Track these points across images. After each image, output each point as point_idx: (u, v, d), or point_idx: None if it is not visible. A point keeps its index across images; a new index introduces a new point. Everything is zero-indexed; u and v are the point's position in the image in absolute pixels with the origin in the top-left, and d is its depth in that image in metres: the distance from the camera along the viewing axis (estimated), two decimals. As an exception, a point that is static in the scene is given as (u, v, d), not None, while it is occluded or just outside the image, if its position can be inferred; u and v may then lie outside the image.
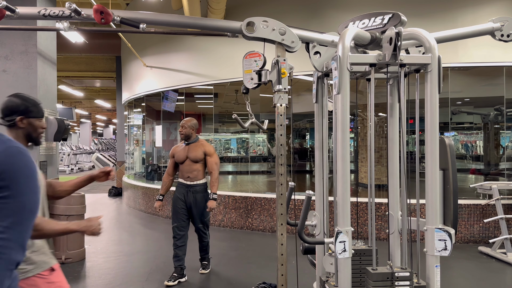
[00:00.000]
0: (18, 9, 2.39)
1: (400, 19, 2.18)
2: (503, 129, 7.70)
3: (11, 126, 1.87)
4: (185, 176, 4.20)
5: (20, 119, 1.85)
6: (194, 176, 4.18)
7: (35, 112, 1.89)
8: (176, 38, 7.71)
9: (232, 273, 4.43)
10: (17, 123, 1.85)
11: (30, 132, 1.89)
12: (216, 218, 6.91)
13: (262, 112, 8.14)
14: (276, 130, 2.42)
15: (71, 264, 4.75)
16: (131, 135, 12.03)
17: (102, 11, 2.30)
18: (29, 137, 1.91)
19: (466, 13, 5.82)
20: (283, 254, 2.38)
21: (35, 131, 1.90)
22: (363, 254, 2.39)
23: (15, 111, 1.85)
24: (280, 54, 2.46)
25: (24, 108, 1.86)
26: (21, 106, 1.86)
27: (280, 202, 2.39)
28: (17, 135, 1.88)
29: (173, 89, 8.22)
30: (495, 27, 2.66)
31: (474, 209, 5.72)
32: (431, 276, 2.08)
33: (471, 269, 4.62)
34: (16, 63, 4.68)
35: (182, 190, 4.19)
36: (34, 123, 1.89)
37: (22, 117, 1.85)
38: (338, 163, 2.05)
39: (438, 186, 2.10)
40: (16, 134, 1.88)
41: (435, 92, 2.07)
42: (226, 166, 13.21)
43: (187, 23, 2.57)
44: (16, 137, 1.87)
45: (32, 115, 1.88)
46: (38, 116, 1.90)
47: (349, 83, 2.03)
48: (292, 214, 6.10)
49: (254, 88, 2.51)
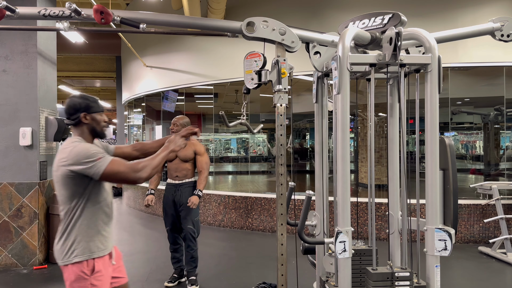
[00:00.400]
0: (18, 9, 2.39)
1: (400, 19, 2.18)
2: (503, 129, 7.70)
3: (76, 124, 2.05)
4: (173, 175, 4.01)
5: (84, 115, 2.03)
6: (183, 175, 3.99)
7: (95, 107, 2.07)
8: (176, 38, 7.71)
9: (232, 273, 4.43)
10: (82, 120, 2.03)
11: (94, 126, 2.07)
12: (216, 218, 6.91)
13: (262, 112, 8.13)
14: (276, 130, 2.42)
15: (71, 264, 4.75)
16: (131, 135, 12.03)
17: (102, 11, 2.30)
18: (94, 132, 2.09)
19: (466, 13, 5.82)
20: (283, 254, 2.38)
21: (98, 125, 2.09)
22: (363, 254, 2.39)
23: (78, 109, 2.02)
24: (280, 54, 2.46)
25: (85, 105, 2.04)
26: (83, 103, 2.04)
27: (280, 202, 2.39)
28: (83, 132, 2.06)
29: (173, 89, 8.22)
30: (495, 27, 2.66)
31: (474, 209, 5.72)
32: (431, 276, 2.08)
33: (471, 269, 4.62)
34: (16, 63, 4.68)
35: (171, 191, 4.01)
36: (96, 117, 2.07)
37: (85, 113, 2.03)
38: (338, 163, 2.04)
39: (438, 186, 2.10)
40: (81, 130, 2.06)
41: (435, 92, 2.07)
42: (226, 166, 13.20)
43: (187, 23, 2.57)
44: (82, 134, 2.06)
45: (93, 110, 2.06)
46: (99, 110, 2.08)
47: (349, 83, 2.03)
48: (292, 214, 6.10)
49: (255, 88, 2.51)
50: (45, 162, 4.82)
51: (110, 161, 1.91)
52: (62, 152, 1.96)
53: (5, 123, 4.66)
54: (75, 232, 1.98)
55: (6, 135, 4.65)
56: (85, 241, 1.98)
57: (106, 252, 2.07)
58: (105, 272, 2.05)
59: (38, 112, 4.69)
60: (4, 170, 4.64)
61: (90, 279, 1.98)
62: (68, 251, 1.98)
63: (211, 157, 9.10)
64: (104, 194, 2.08)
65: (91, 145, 1.99)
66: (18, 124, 4.65)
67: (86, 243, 1.99)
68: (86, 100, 2.05)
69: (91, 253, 1.99)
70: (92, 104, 2.06)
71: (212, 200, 7.00)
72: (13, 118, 4.66)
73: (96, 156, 1.90)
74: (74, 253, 1.97)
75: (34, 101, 4.68)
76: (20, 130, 4.60)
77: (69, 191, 1.96)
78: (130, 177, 1.93)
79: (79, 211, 1.98)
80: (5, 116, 4.66)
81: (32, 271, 4.50)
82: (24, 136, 4.59)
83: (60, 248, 2.01)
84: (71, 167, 1.90)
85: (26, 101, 4.68)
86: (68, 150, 1.94)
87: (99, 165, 1.89)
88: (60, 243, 2.01)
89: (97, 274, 2.00)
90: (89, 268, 1.98)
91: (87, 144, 1.99)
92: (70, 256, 1.97)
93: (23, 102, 4.68)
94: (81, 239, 1.98)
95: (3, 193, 4.62)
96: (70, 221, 1.99)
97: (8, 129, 4.65)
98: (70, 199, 1.98)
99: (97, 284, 2.00)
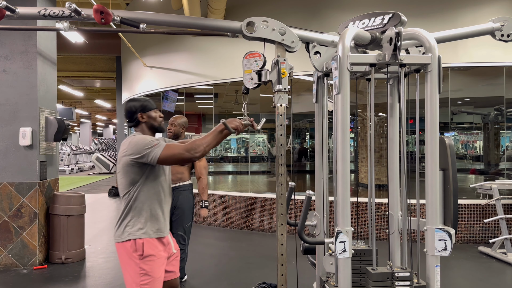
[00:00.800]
0: (18, 9, 2.39)
1: (400, 19, 2.18)
2: (503, 129, 7.70)
3: (136, 125, 2.31)
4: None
5: (141, 115, 2.28)
6: (178, 179, 3.83)
7: (149, 106, 2.31)
8: (176, 38, 7.71)
9: (232, 273, 4.43)
10: (139, 119, 2.29)
11: (152, 123, 2.31)
12: (216, 218, 6.91)
13: (262, 112, 8.13)
14: (276, 130, 2.42)
15: (71, 264, 4.75)
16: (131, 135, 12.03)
17: (102, 11, 2.30)
18: (153, 127, 2.32)
19: (466, 13, 5.82)
20: (283, 254, 2.38)
21: (155, 120, 2.31)
22: (363, 254, 2.38)
23: (134, 111, 2.29)
24: (280, 54, 2.46)
25: (139, 106, 2.29)
26: (137, 105, 2.29)
27: (280, 202, 2.39)
28: (143, 129, 2.31)
29: (173, 89, 8.22)
30: (495, 27, 2.66)
31: (474, 209, 5.72)
32: (431, 276, 2.08)
33: (471, 269, 4.62)
34: (16, 63, 4.68)
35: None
36: (152, 114, 2.30)
37: (141, 113, 2.28)
38: (338, 163, 2.04)
39: (438, 186, 2.10)
40: (141, 129, 2.31)
41: (435, 92, 2.07)
42: (226, 166, 13.20)
43: (187, 23, 2.57)
44: (143, 131, 2.30)
45: (147, 108, 2.30)
46: (153, 108, 2.32)
47: (349, 83, 2.03)
48: (292, 214, 6.10)
49: (254, 88, 2.51)
50: (45, 162, 4.82)
51: (165, 146, 2.10)
52: (123, 144, 2.20)
53: (5, 123, 4.66)
54: (130, 214, 2.18)
55: (6, 135, 4.65)
56: (138, 221, 2.17)
57: (157, 235, 2.21)
58: (157, 258, 2.18)
59: (38, 112, 4.69)
60: (4, 170, 4.64)
61: (140, 263, 2.13)
62: (123, 230, 2.18)
63: (211, 157, 9.11)
64: (161, 180, 2.27)
65: (147, 135, 2.21)
66: (18, 124, 4.65)
67: (139, 224, 2.17)
68: (139, 101, 2.29)
69: (142, 234, 2.16)
70: (145, 104, 2.29)
71: (212, 200, 7.00)
72: (13, 118, 4.66)
73: (152, 143, 2.10)
74: (127, 232, 2.16)
75: (34, 101, 4.68)
76: (20, 130, 4.60)
77: (128, 179, 2.17)
78: (185, 156, 2.09)
79: (135, 195, 2.18)
80: (5, 116, 4.66)
81: (32, 271, 4.50)
82: (24, 136, 4.59)
83: (118, 229, 2.21)
84: (132, 157, 2.12)
85: (26, 101, 4.68)
86: (127, 141, 2.17)
87: (156, 150, 2.07)
88: (117, 224, 2.22)
89: (146, 259, 2.14)
90: (138, 248, 2.13)
91: (143, 135, 2.21)
92: (124, 234, 2.17)
93: (23, 102, 4.68)
94: (135, 220, 2.17)
95: (3, 193, 4.62)
96: (126, 205, 2.19)
97: (8, 129, 4.65)
98: (128, 186, 2.18)
99: (146, 268, 2.13)
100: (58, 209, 4.78)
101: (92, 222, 7.26)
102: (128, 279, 2.17)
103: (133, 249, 2.14)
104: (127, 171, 2.16)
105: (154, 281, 2.15)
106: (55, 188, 5.11)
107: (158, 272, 2.18)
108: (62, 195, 4.86)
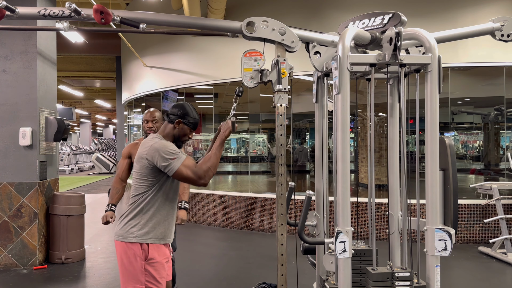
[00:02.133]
0: (18, 9, 2.39)
1: (400, 19, 2.18)
2: (503, 129, 7.70)
3: (168, 123, 2.28)
4: None
5: (178, 121, 2.25)
6: None
7: (191, 121, 2.29)
8: (176, 38, 7.71)
9: (232, 273, 4.43)
10: (174, 123, 2.26)
11: (180, 135, 2.29)
12: (216, 218, 6.91)
13: (262, 112, 8.13)
14: (276, 130, 2.42)
15: (71, 264, 4.75)
16: (131, 135, 12.03)
17: (102, 11, 2.30)
18: (177, 139, 2.30)
19: (466, 13, 5.82)
20: (283, 254, 2.38)
21: (184, 136, 2.30)
22: (363, 254, 2.38)
23: (179, 115, 2.26)
24: (280, 54, 2.46)
25: (183, 114, 2.26)
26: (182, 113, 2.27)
27: (280, 202, 2.39)
28: (168, 132, 2.28)
29: (173, 89, 8.22)
30: (495, 27, 2.66)
31: (474, 209, 5.72)
32: (431, 276, 2.08)
33: (471, 269, 4.62)
34: (16, 63, 4.68)
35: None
36: (186, 130, 2.29)
37: (180, 120, 2.26)
38: (338, 163, 2.04)
39: (438, 186, 2.09)
40: (168, 131, 2.28)
41: (435, 92, 2.07)
42: (226, 166, 13.20)
43: (187, 23, 2.57)
44: (166, 134, 2.28)
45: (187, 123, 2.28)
46: (191, 126, 2.30)
47: (349, 83, 2.03)
48: (292, 214, 6.10)
49: (252, 88, 2.51)
50: (44, 162, 4.82)
51: (183, 161, 2.11)
52: (144, 145, 2.20)
53: (5, 123, 4.66)
54: (139, 216, 2.18)
55: (6, 135, 4.65)
56: (146, 226, 2.17)
57: (163, 242, 2.23)
58: (160, 260, 2.21)
59: (38, 112, 4.69)
60: (4, 170, 4.64)
61: (145, 264, 2.16)
62: (127, 230, 2.17)
63: (211, 157, 9.08)
64: (175, 189, 2.30)
65: (169, 143, 2.19)
66: (18, 124, 4.65)
67: (147, 229, 2.17)
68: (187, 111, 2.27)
69: (149, 239, 2.17)
70: (191, 120, 2.28)
71: (212, 200, 7.00)
72: (13, 118, 4.66)
73: (173, 155, 2.11)
74: (134, 234, 2.16)
75: (34, 101, 4.68)
76: (20, 130, 4.60)
77: (145, 181, 2.18)
78: (198, 183, 2.13)
79: (148, 199, 2.18)
80: (5, 116, 4.66)
81: (32, 271, 4.50)
82: (24, 136, 4.59)
83: (122, 226, 2.21)
84: (150, 162, 2.13)
85: (26, 101, 4.68)
86: (149, 144, 2.17)
87: (174, 164, 2.10)
88: (124, 221, 2.21)
89: (151, 261, 2.17)
90: (143, 252, 2.16)
91: (166, 141, 2.20)
92: (128, 235, 2.16)
93: (23, 102, 4.67)
94: (143, 224, 2.17)
95: (3, 193, 4.62)
96: (137, 206, 2.19)
97: (8, 129, 4.65)
98: (143, 188, 2.18)
99: (150, 270, 2.16)
100: (58, 209, 4.78)
101: (92, 222, 7.26)
102: (127, 275, 2.17)
103: (139, 251, 2.15)
104: (145, 174, 2.17)
105: (158, 281, 2.19)
106: (55, 188, 5.11)
107: (163, 273, 2.22)
108: (62, 195, 4.86)
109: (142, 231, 2.16)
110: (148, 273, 2.15)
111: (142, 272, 2.15)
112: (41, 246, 4.72)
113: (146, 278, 2.15)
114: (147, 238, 2.16)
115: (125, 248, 2.17)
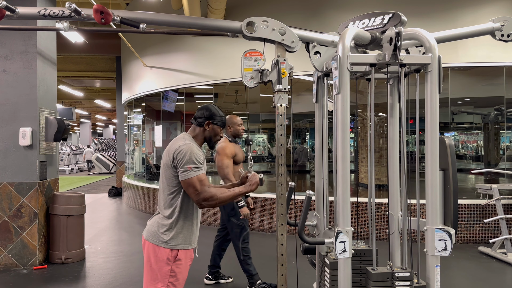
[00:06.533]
0: (18, 9, 2.39)
1: (400, 19, 2.18)
2: (503, 129, 7.70)
3: (197, 126, 2.32)
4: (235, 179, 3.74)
5: (208, 123, 2.29)
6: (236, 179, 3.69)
7: (219, 121, 2.33)
8: (176, 38, 7.71)
9: (232, 273, 4.43)
10: (204, 125, 2.30)
11: (211, 136, 2.33)
12: (216, 218, 6.91)
13: (262, 112, 8.13)
14: (276, 130, 2.42)
15: (71, 264, 4.75)
16: (131, 135, 12.03)
17: (102, 11, 2.30)
18: (208, 140, 2.34)
19: (466, 13, 5.82)
20: (283, 254, 2.38)
21: (215, 136, 2.34)
22: (363, 254, 2.38)
23: (207, 116, 2.30)
24: (280, 54, 2.46)
25: (210, 115, 2.30)
26: (211, 113, 2.30)
27: (280, 202, 2.39)
28: (199, 134, 2.32)
29: (173, 89, 8.21)
30: (495, 27, 2.66)
31: (474, 209, 5.72)
32: (431, 276, 2.08)
33: (471, 269, 4.62)
34: (16, 63, 4.68)
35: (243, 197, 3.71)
36: (216, 129, 2.33)
37: (210, 121, 2.29)
38: (338, 163, 2.04)
39: (438, 186, 2.10)
40: (199, 133, 2.32)
41: (435, 92, 2.07)
42: (226, 166, 13.17)
43: (187, 23, 2.57)
44: (197, 136, 2.31)
45: (216, 121, 2.31)
46: (220, 125, 2.34)
47: (349, 83, 2.03)
48: (292, 214, 6.10)
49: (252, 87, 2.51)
50: (45, 162, 4.82)
51: (199, 174, 2.13)
52: (173, 144, 2.20)
53: (5, 123, 4.66)
54: (171, 222, 2.19)
55: (6, 135, 4.65)
56: (177, 232, 2.19)
57: (191, 247, 2.27)
58: (185, 262, 2.24)
59: (38, 112, 4.69)
60: (4, 170, 4.64)
61: (172, 265, 2.18)
62: (160, 233, 2.19)
63: (211, 157, 9.10)
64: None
65: (197, 152, 2.18)
66: (18, 124, 4.65)
67: (177, 234, 2.19)
68: (215, 113, 2.30)
69: (179, 244, 2.20)
70: (218, 118, 2.31)
71: (212, 200, 6.99)
72: (13, 118, 4.66)
73: (194, 164, 2.12)
74: (165, 239, 2.18)
75: (34, 101, 4.68)
76: (20, 130, 4.60)
77: (169, 180, 2.19)
78: (196, 200, 2.14)
79: (178, 202, 2.20)
80: (5, 116, 4.66)
81: (32, 271, 4.50)
82: (24, 136, 4.59)
83: (154, 226, 2.23)
84: (173, 164, 2.16)
85: (26, 101, 4.68)
86: (176, 145, 2.18)
87: (190, 173, 2.11)
88: (155, 222, 2.23)
89: (178, 262, 2.20)
90: (173, 255, 2.19)
91: (195, 148, 2.19)
92: (160, 239, 2.18)
93: (23, 102, 4.67)
94: (176, 230, 2.19)
95: (3, 193, 4.62)
96: (172, 211, 2.20)
97: (8, 129, 4.65)
98: (169, 187, 2.20)
99: (176, 271, 2.20)
100: (58, 209, 4.78)
101: (92, 222, 7.26)
102: (152, 275, 2.20)
103: (168, 255, 2.18)
104: (169, 173, 2.19)
105: (180, 282, 2.25)
106: (55, 188, 5.11)
107: (185, 274, 2.27)
108: (62, 195, 4.86)
109: (174, 238, 2.18)
110: (173, 274, 2.19)
111: (168, 275, 2.18)
112: (41, 246, 4.71)
113: (170, 279, 2.18)
114: (176, 244, 2.19)
115: (156, 250, 2.19)
